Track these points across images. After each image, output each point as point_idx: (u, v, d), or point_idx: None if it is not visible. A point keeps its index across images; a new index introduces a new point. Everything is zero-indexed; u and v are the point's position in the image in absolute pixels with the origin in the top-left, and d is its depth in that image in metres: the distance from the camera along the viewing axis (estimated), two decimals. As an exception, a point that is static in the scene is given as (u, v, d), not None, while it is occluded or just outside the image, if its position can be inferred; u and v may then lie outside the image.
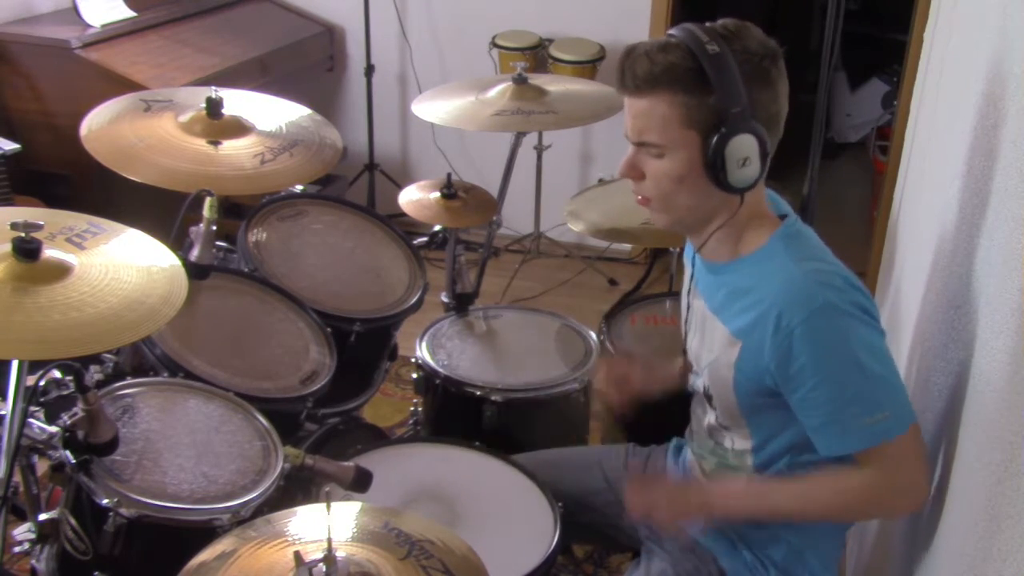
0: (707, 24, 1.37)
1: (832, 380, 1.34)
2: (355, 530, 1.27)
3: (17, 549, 1.59)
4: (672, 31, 1.38)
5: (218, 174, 1.97)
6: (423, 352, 2.19)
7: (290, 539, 1.24)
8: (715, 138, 1.34)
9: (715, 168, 1.35)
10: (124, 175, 1.90)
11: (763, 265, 1.42)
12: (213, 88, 2.11)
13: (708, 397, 1.54)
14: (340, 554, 1.17)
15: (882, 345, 1.37)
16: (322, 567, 1.15)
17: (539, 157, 3.96)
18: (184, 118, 2.07)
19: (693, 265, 1.58)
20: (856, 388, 1.34)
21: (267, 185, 2.07)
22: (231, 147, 2.05)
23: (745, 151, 1.34)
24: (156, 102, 2.13)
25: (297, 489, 1.64)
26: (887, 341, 1.39)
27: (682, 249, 2.67)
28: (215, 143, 2.04)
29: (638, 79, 1.36)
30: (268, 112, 2.20)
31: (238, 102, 2.15)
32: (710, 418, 1.57)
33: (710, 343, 1.51)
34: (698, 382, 1.57)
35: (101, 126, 2.01)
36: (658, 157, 1.40)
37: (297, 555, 1.15)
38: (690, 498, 1.54)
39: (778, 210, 1.50)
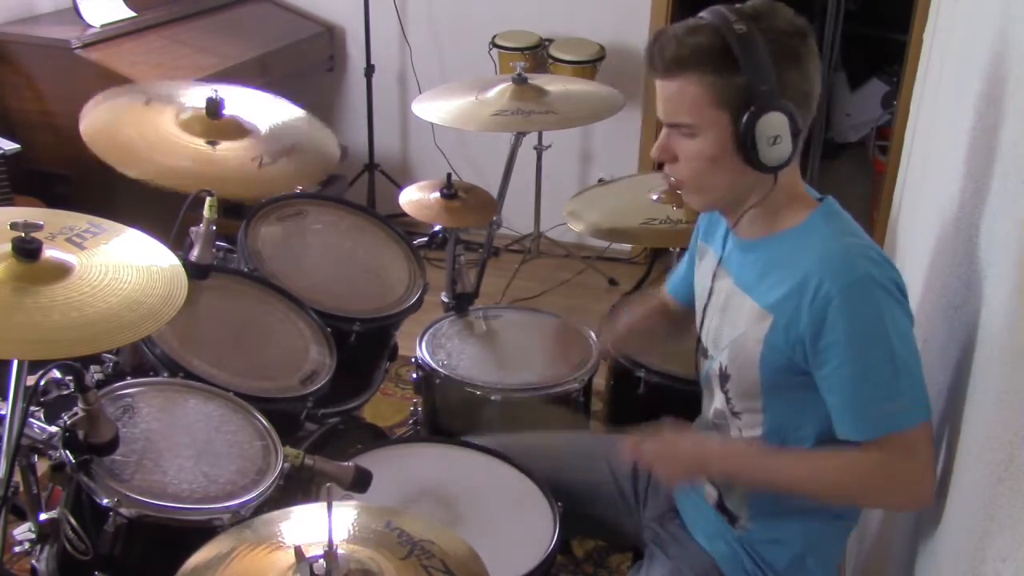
0: (736, 5, 1.39)
1: (859, 360, 1.33)
2: (356, 530, 1.27)
3: (17, 549, 1.59)
4: (702, 13, 1.39)
5: (215, 175, 1.97)
6: (423, 352, 2.19)
7: (290, 539, 1.24)
8: (745, 116, 1.35)
9: (746, 147, 1.36)
10: (121, 171, 1.90)
11: (802, 239, 1.42)
12: (214, 88, 2.11)
13: (724, 378, 1.52)
14: (340, 551, 1.17)
15: (910, 330, 1.36)
16: (323, 563, 1.14)
17: (539, 157, 3.96)
18: (184, 116, 2.07)
19: (723, 247, 1.56)
20: (880, 373, 1.33)
21: (263, 189, 2.08)
22: (228, 148, 2.05)
23: (775, 129, 1.35)
24: (156, 97, 2.13)
25: (297, 489, 1.64)
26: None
27: (682, 249, 2.70)
28: (213, 143, 2.04)
29: (667, 61, 1.38)
30: (267, 115, 2.20)
31: (238, 100, 2.15)
32: (718, 403, 1.56)
33: (734, 319, 1.50)
34: (713, 365, 1.55)
35: (100, 118, 2.01)
36: (690, 137, 1.41)
37: (298, 550, 1.15)
38: (686, 452, 1.50)
39: (814, 196, 1.51)
